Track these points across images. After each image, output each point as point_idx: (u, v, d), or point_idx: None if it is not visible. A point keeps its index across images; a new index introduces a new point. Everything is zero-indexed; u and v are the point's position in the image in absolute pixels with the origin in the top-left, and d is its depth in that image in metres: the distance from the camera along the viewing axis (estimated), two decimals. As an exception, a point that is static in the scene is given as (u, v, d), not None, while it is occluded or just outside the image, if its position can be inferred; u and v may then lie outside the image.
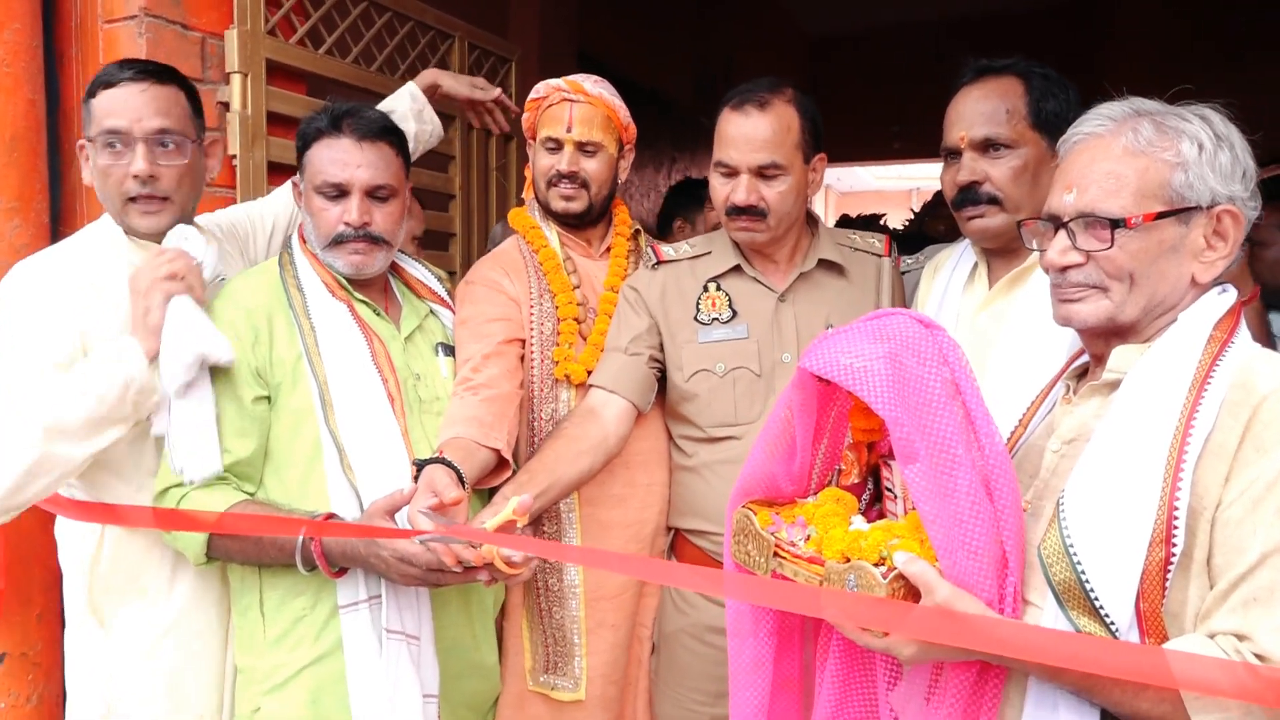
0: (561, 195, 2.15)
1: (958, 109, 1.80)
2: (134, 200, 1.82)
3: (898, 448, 1.20)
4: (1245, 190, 1.21)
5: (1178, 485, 1.11)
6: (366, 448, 1.78)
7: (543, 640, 2.12)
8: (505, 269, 2.16)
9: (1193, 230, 1.22)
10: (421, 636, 1.79)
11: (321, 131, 1.86)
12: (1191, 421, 1.13)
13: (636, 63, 6.08)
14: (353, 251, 1.86)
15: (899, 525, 1.29)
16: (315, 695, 1.77)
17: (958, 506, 1.17)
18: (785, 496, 1.46)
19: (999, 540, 1.19)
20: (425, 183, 3.25)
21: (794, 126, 1.98)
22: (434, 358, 2.01)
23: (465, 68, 3.40)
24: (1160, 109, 1.26)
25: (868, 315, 1.31)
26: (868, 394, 1.19)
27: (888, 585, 1.19)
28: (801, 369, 1.31)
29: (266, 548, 1.73)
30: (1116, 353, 1.26)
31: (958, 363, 1.24)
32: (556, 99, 2.14)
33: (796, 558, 1.32)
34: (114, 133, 1.79)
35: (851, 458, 1.43)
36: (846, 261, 2.11)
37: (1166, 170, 1.21)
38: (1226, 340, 1.20)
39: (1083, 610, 1.14)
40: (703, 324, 2.06)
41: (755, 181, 1.96)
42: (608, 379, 2.05)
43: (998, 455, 1.21)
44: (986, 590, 1.17)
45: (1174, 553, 1.11)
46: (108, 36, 2.34)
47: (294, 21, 2.68)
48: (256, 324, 1.81)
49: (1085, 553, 1.14)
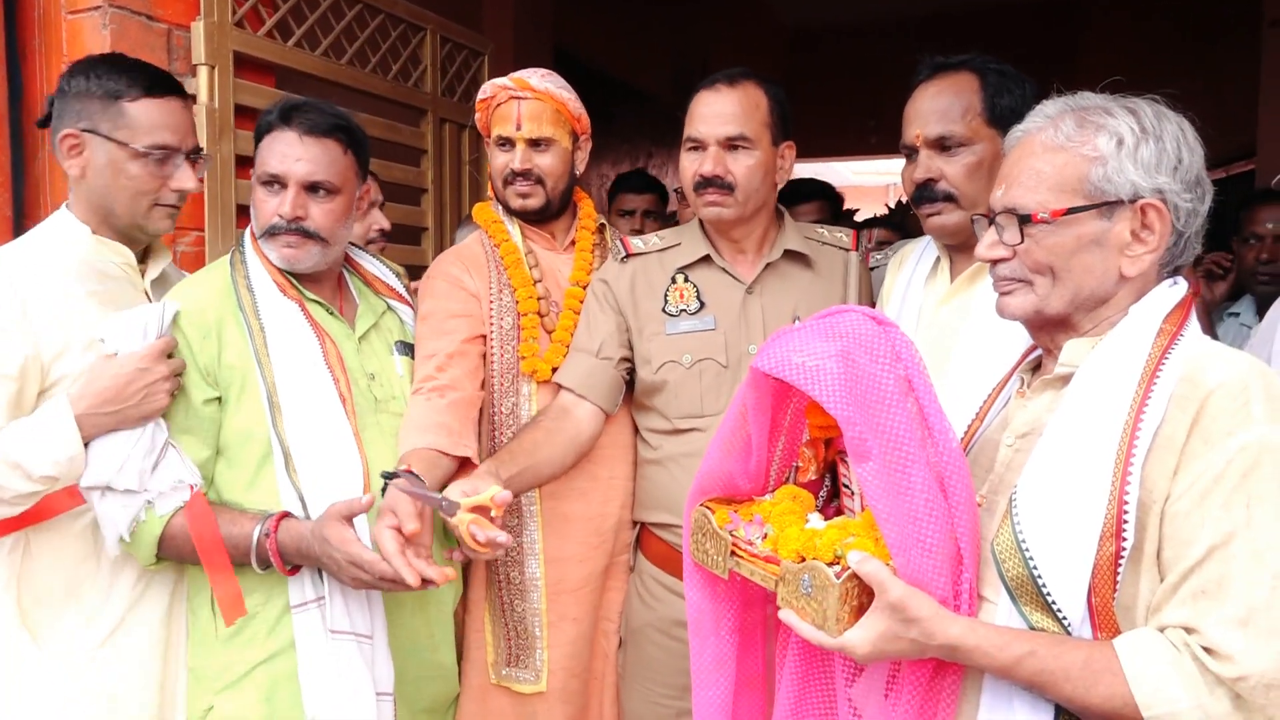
0: (518, 193, 2.15)
1: (914, 107, 1.81)
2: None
3: (850, 446, 1.20)
4: (1177, 183, 1.20)
5: (1127, 479, 1.12)
6: (315, 452, 1.78)
7: (504, 634, 2.12)
8: (466, 264, 2.17)
9: (1117, 224, 1.21)
10: (374, 635, 1.79)
11: (271, 124, 1.86)
12: (1141, 415, 1.14)
13: (614, 57, 6.07)
14: (285, 244, 1.85)
15: (855, 523, 1.28)
16: (268, 693, 1.75)
17: (911, 504, 1.16)
18: (743, 494, 1.45)
19: (953, 537, 1.19)
20: (397, 177, 3.24)
21: (762, 105, 2.03)
22: (390, 356, 2.00)
23: (437, 61, 3.39)
24: (1092, 104, 1.25)
25: (820, 313, 1.31)
26: (820, 393, 1.19)
27: (841, 585, 1.18)
28: (754, 368, 1.30)
29: (227, 537, 1.72)
30: (1068, 346, 1.26)
31: (911, 360, 1.24)
32: (504, 97, 2.14)
33: (754, 557, 1.32)
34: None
35: (809, 454, 1.42)
36: (814, 254, 2.12)
37: (1085, 165, 1.21)
38: (1176, 333, 1.19)
39: (1035, 605, 1.15)
40: (670, 315, 2.07)
41: (722, 154, 2.00)
42: (576, 382, 2.05)
43: (951, 452, 1.20)
44: (941, 588, 1.17)
45: (1124, 547, 1.11)
46: (71, 28, 2.32)
47: (262, 13, 2.66)
48: (205, 324, 1.80)
49: (1037, 548, 1.14)
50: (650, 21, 6.70)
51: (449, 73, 3.48)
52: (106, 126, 1.76)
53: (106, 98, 1.77)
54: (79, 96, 1.77)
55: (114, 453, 1.67)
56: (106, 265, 1.81)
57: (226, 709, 1.77)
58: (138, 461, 1.68)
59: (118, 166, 1.77)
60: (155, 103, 1.79)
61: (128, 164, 1.77)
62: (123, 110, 1.77)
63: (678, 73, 7.34)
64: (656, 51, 6.96)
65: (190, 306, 1.81)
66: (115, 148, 1.77)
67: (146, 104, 1.78)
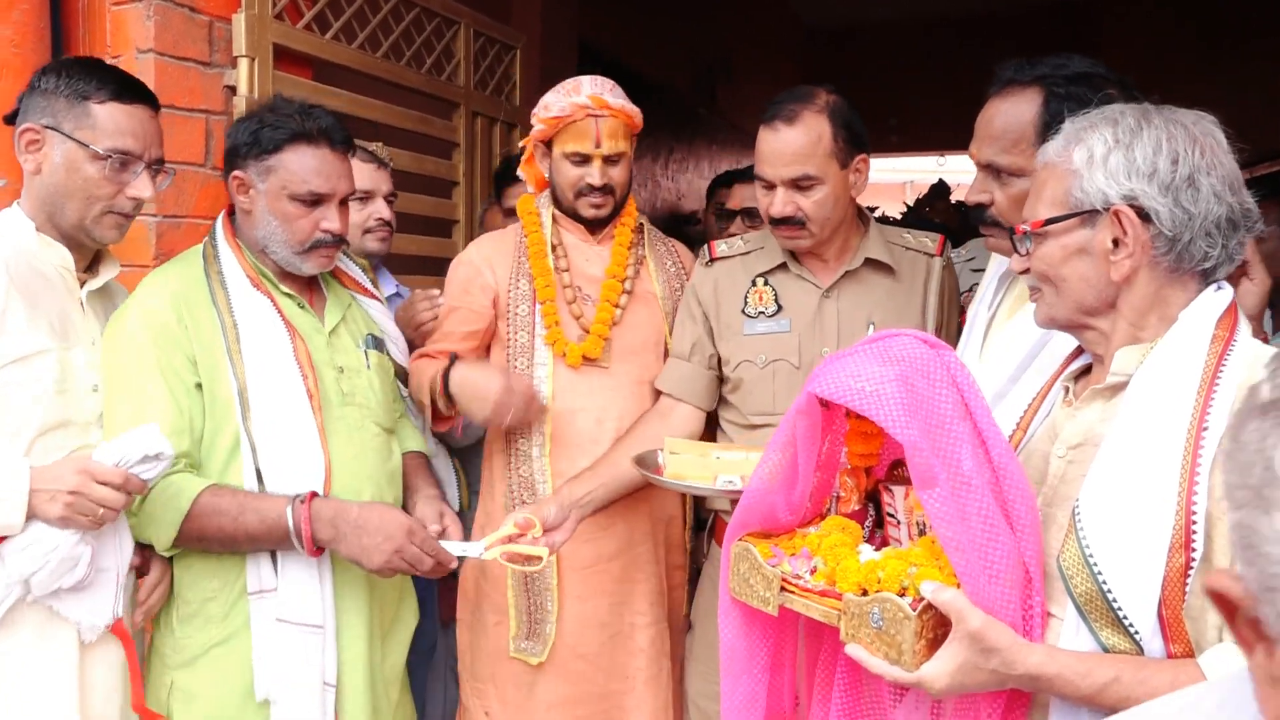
0: (593, 204, 2.23)
1: (980, 120, 1.71)
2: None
3: (915, 472, 1.16)
4: (1153, 187, 1.19)
5: (1194, 489, 1.10)
6: (279, 449, 1.82)
7: (526, 608, 2.21)
8: (492, 251, 2.30)
9: (1099, 232, 1.23)
10: (325, 625, 1.84)
11: (298, 135, 1.87)
12: (1204, 424, 1.13)
13: (635, 52, 6.07)
14: (323, 255, 1.93)
15: (914, 552, 1.24)
16: (223, 673, 1.81)
17: (976, 529, 1.14)
18: (782, 526, 1.40)
19: (1020, 561, 1.17)
20: (429, 169, 3.25)
21: (824, 135, 1.99)
22: (358, 350, 2.03)
23: (470, 55, 3.40)
24: (1089, 119, 1.28)
25: (870, 337, 1.30)
26: (884, 418, 1.16)
27: (917, 617, 1.14)
28: (809, 394, 1.27)
29: (241, 533, 1.76)
30: (1119, 355, 1.25)
31: (965, 382, 1.23)
32: (580, 115, 2.17)
33: (807, 591, 1.27)
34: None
35: (850, 484, 1.39)
36: (896, 261, 2.13)
37: (1068, 178, 1.25)
38: (1229, 338, 1.19)
39: (1105, 621, 1.14)
40: (749, 317, 2.14)
41: (791, 193, 2.01)
42: (671, 386, 2.20)
43: (1013, 474, 1.19)
44: (1010, 613, 1.15)
45: (1194, 557, 1.10)
46: (115, 19, 2.34)
47: (301, 6, 2.67)
48: (181, 312, 1.83)
49: (1106, 563, 1.13)
50: (671, 17, 6.71)
51: (481, 67, 3.49)
52: (69, 125, 1.73)
53: (74, 97, 1.73)
54: (47, 94, 1.76)
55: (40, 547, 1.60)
56: (43, 264, 1.75)
57: (184, 683, 1.83)
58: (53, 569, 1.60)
59: (74, 166, 1.73)
60: (122, 108, 1.75)
61: (85, 165, 1.73)
62: (88, 111, 1.73)
63: (697, 69, 7.35)
64: (677, 47, 6.97)
65: (167, 290, 1.84)
66: (75, 147, 1.72)
67: (113, 108, 1.74)
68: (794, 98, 2.02)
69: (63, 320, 1.73)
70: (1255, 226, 1.25)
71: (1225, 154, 1.23)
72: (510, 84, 3.69)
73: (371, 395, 2.00)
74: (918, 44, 8.29)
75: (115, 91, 1.75)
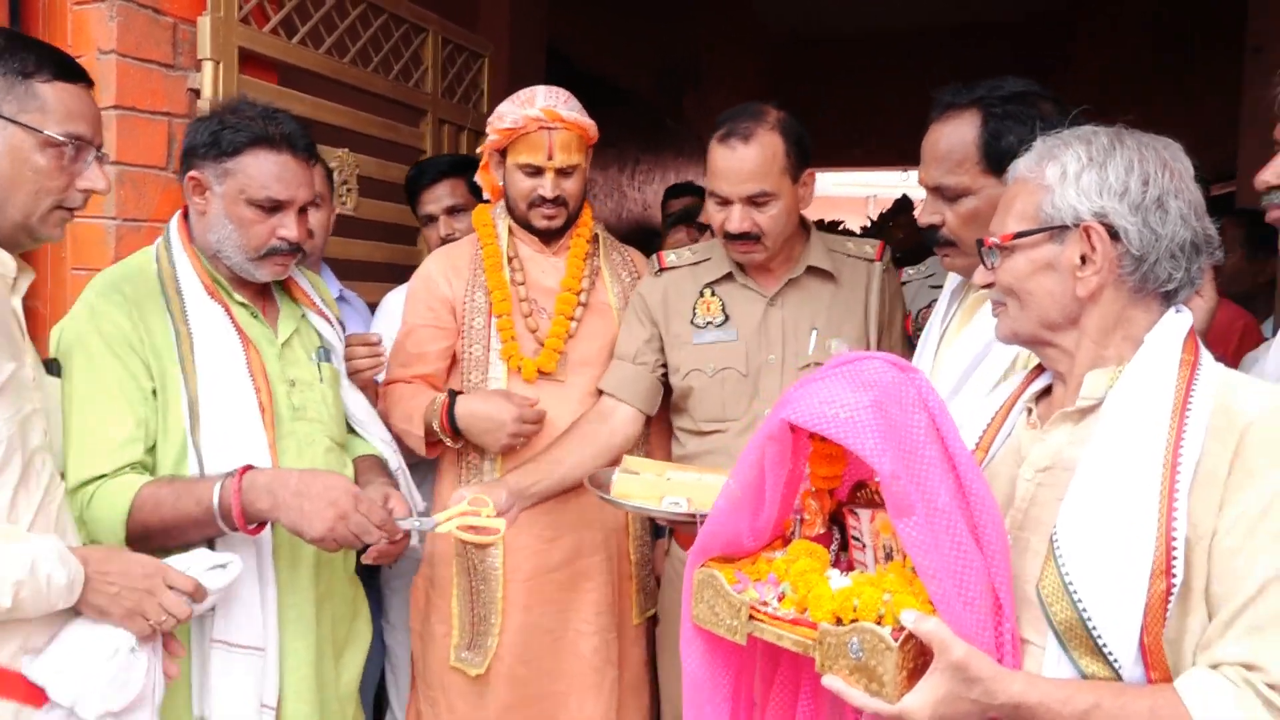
0: (545, 216, 2.24)
1: (924, 146, 1.77)
2: None
3: (892, 500, 1.14)
4: (1123, 206, 1.21)
5: (1173, 515, 1.11)
6: (227, 463, 1.76)
7: (470, 618, 2.22)
8: (449, 264, 2.30)
9: (1068, 248, 1.24)
10: (266, 648, 1.78)
11: (259, 139, 1.83)
12: (1179, 449, 1.14)
13: (603, 60, 6.08)
14: (278, 263, 1.89)
15: (889, 579, 1.21)
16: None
17: (950, 556, 1.13)
18: (744, 551, 1.37)
19: (991, 586, 1.16)
20: (395, 176, 3.23)
21: (779, 152, 2.06)
22: (310, 363, 1.99)
23: (438, 62, 3.39)
24: (1062, 138, 1.30)
25: (839, 359, 1.28)
26: (860, 446, 1.14)
27: (899, 648, 1.11)
28: (781, 420, 1.24)
29: (184, 519, 1.68)
30: (1089, 378, 1.26)
31: (935, 404, 1.22)
32: (534, 128, 2.17)
33: (777, 619, 1.23)
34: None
35: (815, 506, 1.36)
36: (838, 268, 2.20)
37: (1039, 194, 1.27)
38: (1194, 363, 1.21)
39: (1085, 650, 1.13)
40: (698, 326, 2.20)
41: (748, 209, 2.06)
42: (614, 387, 2.22)
43: (982, 496, 1.18)
44: (984, 640, 1.14)
45: (1174, 584, 1.10)
46: (77, 19, 2.30)
47: (267, 10, 2.65)
48: (135, 317, 1.77)
49: (1086, 591, 1.12)
50: (640, 25, 6.72)
51: (449, 74, 3.48)
52: (11, 108, 1.48)
53: (13, 75, 1.48)
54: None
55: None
56: None
57: None
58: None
59: (21, 155, 1.48)
60: (70, 88, 1.53)
61: (34, 153, 1.49)
62: (34, 91, 1.49)
63: (665, 77, 7.37)
64: (646, 55, 6.99)
65: (120, 294, 1.78)
66: (21, 133, 1.48)
67: (62, 87, 1.51)
68: (747, 115, 2.07)
69: (9, 337, 1.48)
70: (1215, 253, 1.28)
71: (1191, 181, 1.25)
72: (478, 91, 3.68)
73: (324, 409, 1.96)
74: (884, 57, 8.37)
75: (59, 69, 1.53)
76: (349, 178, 2.96)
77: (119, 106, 2.27)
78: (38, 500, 1.47)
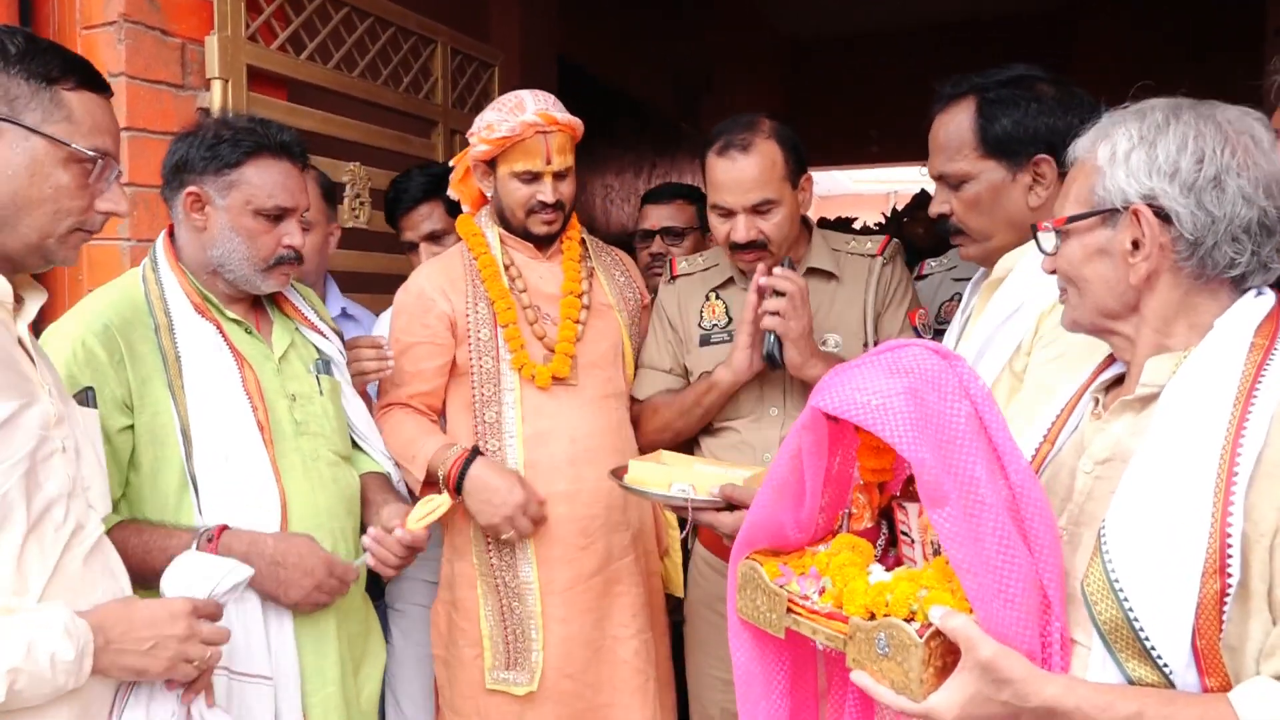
0: (544, 221, 2.22)
1: (930, 138, 1.79)
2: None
3: (924, 490, 1.10)
4: (1174, 187, 1.14)
5: (1229, 509, 1.03)
6: (231, 487, 1.74)
7: (504, 637, 2.17)
8: (442, 279, 2.24)
9: (1120, 233, 1.18)
10: (276, 678, 1.74)
11: (262, 148, 1.82)
12: (1240, 438, 1.06)
13: (616, 68, 6.07)
14: (284, 273, 1.88)
15: (926, 574, 1.17)
16: None
17: (990, 551, 1.08)
18: (791, 545, 1.34)
19: (1038, 584, 1.10)
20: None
21: (778, 160, 2.08)
22: (309, 376, 1.95)
23: (447, 73, 3.39)
24: (1119, 115, 1.23)
25: (880, 347, 1.22)
26: (890, 434, 1.10)
27: (924, 644, 1.08)
28: (814, 409, 1.21)
29: (152, 574, 1.56)
30: (1150, 365, 1.18)
31: (979, 393, 1.16)
32: (530, 134, 2.14)
33: (813, 613, 1.21)
34: None
35: (863, 500, 1.33)
36: (839, 267, 2.22)
37: (1093, 175, 1.21)
38: (1269, 347, 1.12)
39: (1132, 653, 1.07)
40: (704, 330, 2.26)
41: (752, 219, 2.08)
42: (650, 394, 2.29)
43: (1031, 491, 1.12)
44: (1027, 640, 1.09)
45: (1229, 583, 1.02)
46: (86, 42, 2.32)
47: (275, 27, 2.66)
48: (112, 345, 1.69)
49: (1132, 589, 1.06)
50: (652, 34, 6.71)
51: (459, 84, 3.48)
52: (34, 117, 1.32)
53: (36, 81, 1.32)
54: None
55: None
56: None
57: None
58: None
59: (43, 170, 1.32)
60: (96, 98, 1.39)
61: (57, 169, 1.33)
62: (60, 100, 1.34)
63: (679, 84, 7.35)
64: (658, 63, 6.97)
65: (97, 322, 1.71)
66: (45, 145, 1.32)
67: (88, 97, 1.37)
68: (742, 127, 2.09)
69: (14, 369, 1.35)
70: None
71: (1264, 154, 1.15)
72: (489, 101, 3.66)
73: (326, 423, 1.93)
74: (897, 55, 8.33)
75: (85, 77, 1.38)
76: (362, 191, 2.96)
77: (130, 128, 2.29)
78: (55, 554, 1.33)
